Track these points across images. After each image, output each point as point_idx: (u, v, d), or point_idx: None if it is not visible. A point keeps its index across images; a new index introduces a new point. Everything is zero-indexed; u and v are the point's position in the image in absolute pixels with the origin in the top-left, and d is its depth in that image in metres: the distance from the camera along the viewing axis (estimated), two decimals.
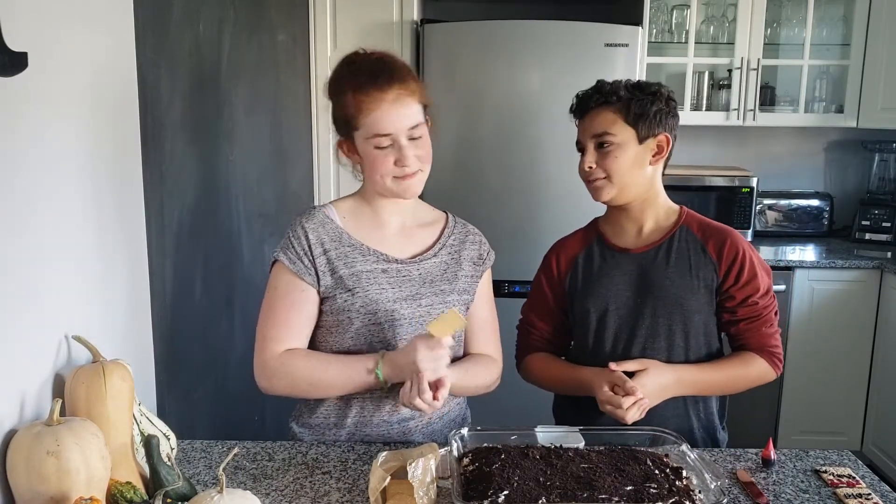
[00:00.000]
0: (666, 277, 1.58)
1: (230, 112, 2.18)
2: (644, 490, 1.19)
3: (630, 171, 1.57)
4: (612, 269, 1.63)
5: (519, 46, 2.97)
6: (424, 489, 1.17)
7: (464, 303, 1.56)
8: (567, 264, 1.68)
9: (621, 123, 1.55)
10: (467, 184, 3.04)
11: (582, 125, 1.62)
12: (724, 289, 1.58)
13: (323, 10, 3.00)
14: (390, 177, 1.45)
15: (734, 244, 1.58)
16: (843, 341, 3.24)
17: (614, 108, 1.56)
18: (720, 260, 1.57)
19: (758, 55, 3.35)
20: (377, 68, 1.44)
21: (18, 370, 1.15)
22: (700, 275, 1.58)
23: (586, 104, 1.60)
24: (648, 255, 1.61)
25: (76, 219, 1.32)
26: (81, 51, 1.33)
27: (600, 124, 1.57)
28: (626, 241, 1.64)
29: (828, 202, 3.66)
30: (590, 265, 1.66)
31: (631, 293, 1.61)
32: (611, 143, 1.56)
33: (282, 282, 1.47)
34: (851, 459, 1.46)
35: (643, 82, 1.60)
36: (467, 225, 1.64)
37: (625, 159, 1.56)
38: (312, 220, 1.49)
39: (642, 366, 1.52)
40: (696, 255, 1.59)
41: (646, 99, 1.56)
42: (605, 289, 1.62)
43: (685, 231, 1.61)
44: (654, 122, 1.56)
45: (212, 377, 2.05)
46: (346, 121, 1.45)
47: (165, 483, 1.19)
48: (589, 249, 1.68)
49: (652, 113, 1.55)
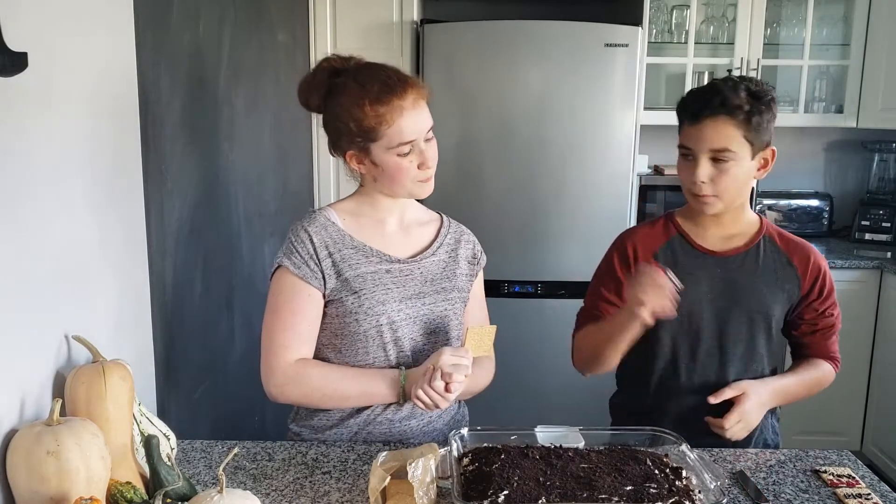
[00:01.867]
0: (752, 285, 1.58)
1: (230, 112, 2.18)
2: (644, 490, 1.19)
3: (742, 187, 1.54)
4: (696, 269, 1.59)
5: (519, 46, 2.97)
6: (424, 489, 1.17)
7: (462, 300, 1.57)
8: (645, 255, 1.62)
9: (741, 139, 1.49)
10: (467, 184, 3.04)
11: (696, 131, 1.51)
12: (808, 302, 1.60)
13: (323, 10, 3.01)
14: (415, 181, 1.46)
15: (818, 260, 1.62)
16: (843, 341, 3.21)
17: (736, 122, 1.48)
18: (805, 274, 1.60)
19: (758, 55, 3.35)
20: (383, 75, 1.43)
21: (18, 370, 1.15)
22: (785, 286, 1.59)
23: (703, 109, 1.49)
24: (735, 260, 1.59)
25: (76, 219, 1.32)
26: (81, 51, 1.33)
27: (722, 138, 1.48)
28: (712, 243, 1.61)
29: (827, 202, 3.66)
30: (672, 262, 1.59)
31: (715, 296, 1.58)
32: (729, 159, 1.49)
33: (286, 286, 1.46)
34: (851, 459, 1.46)
35: (758, 88, 1.51)
36: (460, 225, 1.65)
37: (739, 176, 1.51)
38: (314, 223, 1.49)
39: (740, 391, 1.52)
40: (781, 267, 1.60)
41: (764, 109, 1.49)
42: (689, 288, 1.52)
43: (768, 241, 1.62)
44: (766, 135, 1.52)
45: (212, 377, 2.05)
46: (360, 134, 1.42)
47: (165, 483, 1.19)
48: (670, 245, 1.63)
49: (766, 124, 1.50)
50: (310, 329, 1.47)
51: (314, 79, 1.48)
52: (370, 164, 1.46)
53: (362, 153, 1.45)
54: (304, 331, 1.46)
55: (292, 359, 1.45)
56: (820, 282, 1.60)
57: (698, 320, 1.59)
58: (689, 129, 1.52)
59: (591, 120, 2.98)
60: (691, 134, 1.52)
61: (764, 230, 1.62)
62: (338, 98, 1.44)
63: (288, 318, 1.46)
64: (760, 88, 1.51)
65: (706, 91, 1.52)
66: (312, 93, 1.48)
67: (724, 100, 1.48)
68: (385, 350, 1.48)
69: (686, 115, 1.54)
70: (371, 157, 1.45)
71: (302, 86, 1.50)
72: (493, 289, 3.07)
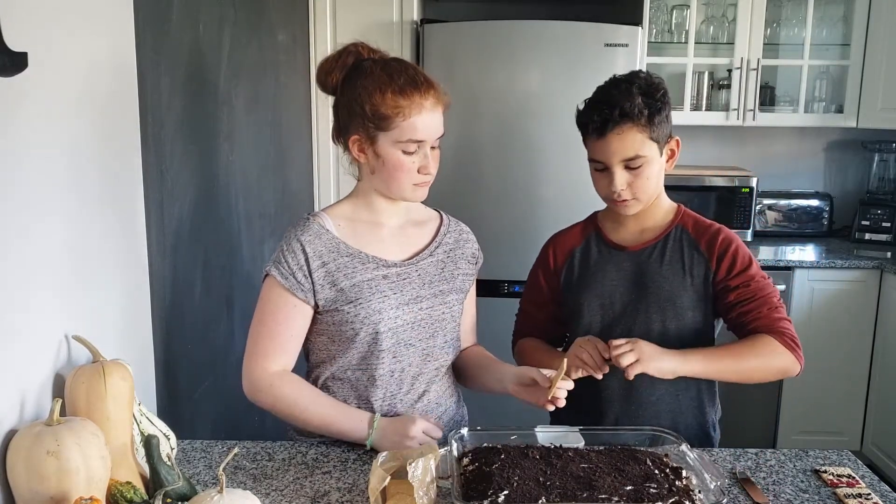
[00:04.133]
0: (660, 275, 1.59)
1: (230, 112, 2.18)
2: (644, 490, 1.19)
3: (657, 183, 1.57)
4: (607, 264, 1.64)
5: (519, 46, 2.97)
6: (424, 489, 1.17)
7: (459, 302, 1.57)
8: (564, 257, 1.69)
9: (648, 142, 1.50)
10: (466, 183, 3.04)
11: (603, 146, 1.52)
12: (719, 280, 1.57)
13: (323, 10, 3.00)
14: (411, 183, 1.45)
15: (726, 238, 1.59)
16: (843, 341, 3.24)
17: (639, 127, 1.49)
18: (711, 254, 1.58)
19: (758, 55, 3.35)
20: (411, 71, 1.43)
21: (18, 370, 1.15)
22: (693, 272, 1.58)
23: (606, 123, 1.49)
24: (644, 254, 1.61)
25: (76, 218, 1.32)
26: (81, 51, 1.33)
27: (630, 147, 1.50)
28: (625, 238, 1.65)
29: (827, 202, 3.66)
30: (586, 259, 1.66)
31: (624, 290, 1.61)
32: (641, 164, 1.51)
33: (273, 295, 1.46)
34: (851, 459, 1.46)
35: (649, 83, 1.52)
36: (460, 223, 1.65)
37: (652, 175, 1.54)
38: (308, 231, 1.47)
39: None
40: (689, 254, 1.59)
41: (661, 106, 1.51)
42: (600, 284, 1.63)
43: (680, 230, 1.62)
44: (668, 127, 1.54)
45: (212, 377, 2.05)
46: (373, 119, 1.41)
47: (165, 483, 1.18)
48: (587, 243, 1.68)
49: (665, 118, 1.52)
50: (291, 339, 1.47)
51: (339, 59, 1.46)
52: (373, 153, 1.45)
53: (368, 140, 1.44)
54: (286, 341, 1.46)
55: (271, 368, 1.45)
56: (729, 258, 1.56)
57: (610, 314, 1.61)
58: (597, 143, 1.53)
59: None
60: (599, 148, 1.53)
61: (678, 220, 1.63)
62: (360, 80, 1.43)
63: (273, 327, 1.46)
64: (651, 83, 1.52)
65: (602, 104, 1.50)
66: (334, 71, 1.46)
67: (622, 110, 1.48)
68: (379, 357, 1.47)
69: (590, 132, 1.53)
70: (376, 146, 1.44)
71: (324, 63, 1.48)
72: (493, 289, 3.09)
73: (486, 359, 1.62)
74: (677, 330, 1.58)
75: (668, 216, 1.64)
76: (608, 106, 1.49)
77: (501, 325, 1.76)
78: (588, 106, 1.56)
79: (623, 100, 1.49)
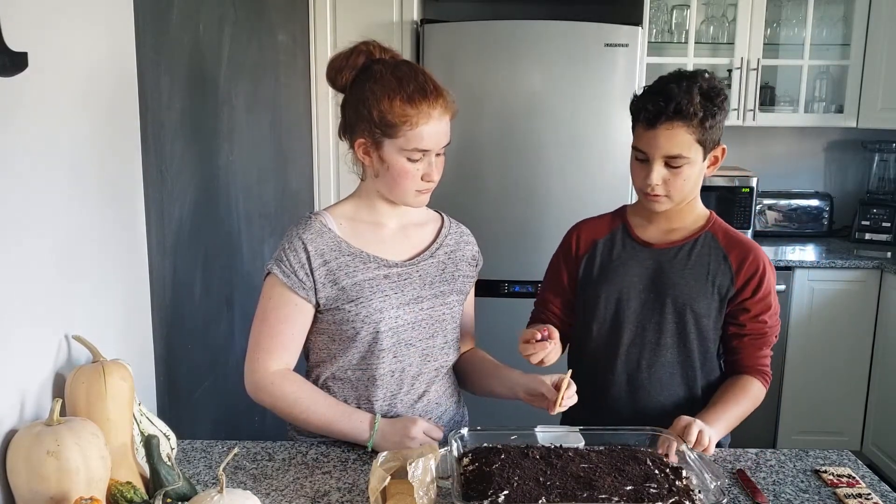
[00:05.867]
0: (681, 277, 1.58)
1: (230, 112, 2.18)
2: (644, 490, 1.19)
3: (693, 186, 1.56)
4: (630, 259, 1.62)
5: (519, 46, 2.97)
6: (424, 489, 1.17)
7: (460, 303, 1.57)
8: (587, 246, 1.67)
9: (695, 144, 1.49)
10: (467, 184, 3.04)
11: (650, 137, 1.50)
12: (739, 300, 1.57)
13: (323, 10, 3.00)
14: (414, 189, 1.46)
15: (757, 259, 1.58)
16: (843, 341, 3.24)
17: (690, 128, 1.48)
18: (739, 271, 1.57)
19: (758, 55, 3.35)
20: (422, 79, 1.42)
21: (18, 370, 1.15)
22: (716, 281, 1.58)
23: (658, 116, 1.48)
24: (669, 253, 1.61)
25: (76, 218, 1.32)
26: (81, 51, 1.33)
27: (676, 145, 1.48)
28: (652, 235, 1.63)
29: (828, 202, 3.66)
30: (609, 252, 1.65)
31: (643, 287, 1.60)
32: (683, 164, 1.50)
33: (274, 293, 1.46)
34: (851, 459, 1.46)
35: (710, 86, 1.50)
36: (461, 225, 1.65)
37: (691, 177, 1.53)
38: (309, 230, 1.47)
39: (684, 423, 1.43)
40: (715, 262, 1.58)
41: (717, 111, 1.49)
42: (620, 277, 1.61)
43: (709, 237, 1.61)
44: (718, 134, 1.52)
45: (212, 377, 2.05)
46: (380, 125, 1.41)
47: (165, 483, 1.19)
48: (612, 235, 1.66)
49: (718, 124, 1.51)
50: (293, 337, 1.47)
51: (351, 58, 1.46)
52: (377, 158, 1.45)
53: (373, 145, 1.44)
54: (287, 340, 1.46)
55: (273, 366, 1.45)
56: (755, 281, 1.56)
57: (626, 309, 1.61)
58: (644, 133, 1.52)
59: (591, 120, 2.98)
60: (646, 138, 1.51)
61: (709, 226, 1.62)
62: (370, 83, 1.42)
63: (274, 325, 1.46)
64: (713, 86, 1.50)
65: (660, 96, 1.49)
66: (345, 70, 1.46)
67: (678, 107, 1.46)
68: (379, 357, 1.47)
69: (641, 120, 1.53)
70: (381, 151, 1.44)
71: (335, 61, 1.47)
72: (493, 289, 3.09)
73: (491, 364, 1.62)
74: (689, 335, 1.58)
75: (698, 221, 1.62)
76: (665, 99, 1.47)
77: (501, 325, 1.76)
78: (645, 93, 1.54)
79: (681, 96, 1.47)
